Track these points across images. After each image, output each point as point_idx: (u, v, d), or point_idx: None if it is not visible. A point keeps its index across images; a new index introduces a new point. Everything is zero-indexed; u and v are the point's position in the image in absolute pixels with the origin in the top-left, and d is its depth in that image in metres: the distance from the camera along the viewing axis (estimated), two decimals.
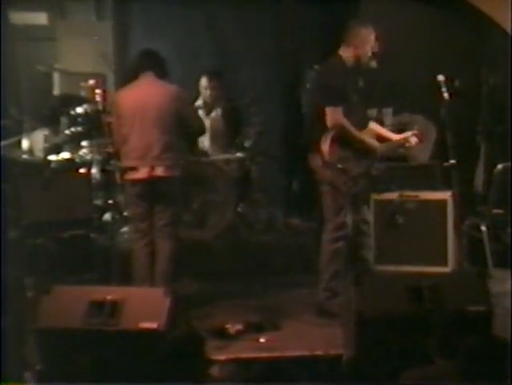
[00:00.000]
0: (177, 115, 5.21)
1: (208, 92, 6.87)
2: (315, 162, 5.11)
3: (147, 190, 5.20)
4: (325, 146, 5.00)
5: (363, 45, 5.17)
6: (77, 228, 6.01)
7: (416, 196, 5.88)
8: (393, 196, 5.83)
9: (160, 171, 5.15)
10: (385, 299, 3.95)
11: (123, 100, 5.29)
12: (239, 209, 6.65)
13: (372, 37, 5.17)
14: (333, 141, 5.00)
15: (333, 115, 5.01)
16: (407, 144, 5.37)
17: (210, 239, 6.30)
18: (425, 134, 6.21)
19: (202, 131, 5.76)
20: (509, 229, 6.03)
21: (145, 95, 5.21)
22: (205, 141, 6.90)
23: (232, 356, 4.33)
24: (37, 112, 6.86)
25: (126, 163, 5.26)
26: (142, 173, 5.15)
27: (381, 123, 6.07)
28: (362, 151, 5.13)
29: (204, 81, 6.87)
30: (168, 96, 5.21)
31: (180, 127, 5.26)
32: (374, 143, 5.22)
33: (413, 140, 5.33)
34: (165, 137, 5.17)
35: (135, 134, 5.18)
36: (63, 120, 6.41)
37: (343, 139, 5.04)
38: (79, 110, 6.31)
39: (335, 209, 5.15)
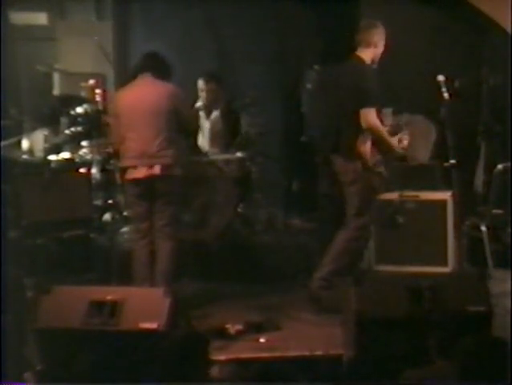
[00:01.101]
0: (174, 113, 5.21)
1: (204, 95, 6.83)
2: (349, 165, 5.11)
3: (146, 190, 5.20)
4: (365, 149, 5.00)
5: (381, 45, 5.19)
6: (77, 228, 6.00)
7: (416, 196, 5.87)
8: (393, 196, 5.83)
9: (156, 169, 5.14)
10: (385, 299, 3.96)
11: (121, 100, 5.32)
12: (239, 209, 6.64)
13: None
14: (372, 144, 5.04)
15: (369, 118, 5.01)
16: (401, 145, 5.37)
17: (210, 239, 6.29)
18: (425, 134, 6.23)
19: (195, 129, 5.76)
20: (510, 229, 6.02)
21: (142, 94, 5.22)
22: (205, 141, 6.90)
23: (232, 356, 4.33)
24: (37, 112, 6.86)
25: (124, 162, 5.28)
26: (140, 172, 5.16)
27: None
28: (388, 152, 5.20)
29: (200, 84, 6.82)
30: (164, 94, 5.21)
31: (178, 126, 5.27)
32: (398, 149, 5.24)
33: (406, 140, 5.34)
34: (162, 135, 5.16)
35: (132, 133, 5.19)
36: (63, 120, 6.41)
37: (375, 141, 5.08)
38: (79, 110, 6.30)
39: (360, 210, 5.17)
